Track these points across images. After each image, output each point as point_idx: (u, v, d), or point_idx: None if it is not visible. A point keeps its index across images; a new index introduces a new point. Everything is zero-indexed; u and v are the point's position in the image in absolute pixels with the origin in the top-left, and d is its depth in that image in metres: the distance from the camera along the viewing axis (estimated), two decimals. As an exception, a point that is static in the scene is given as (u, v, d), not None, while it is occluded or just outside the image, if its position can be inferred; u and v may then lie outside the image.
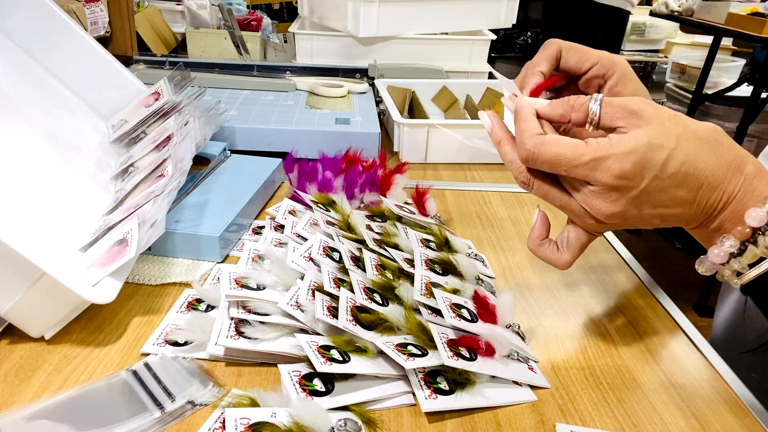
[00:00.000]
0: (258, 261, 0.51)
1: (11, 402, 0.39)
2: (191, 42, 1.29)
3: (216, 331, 0.43)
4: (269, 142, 0.78)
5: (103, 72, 0.69)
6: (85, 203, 0.55)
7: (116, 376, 0.41)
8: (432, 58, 1.12)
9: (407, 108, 0.96)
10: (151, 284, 0.52)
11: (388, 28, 1.09)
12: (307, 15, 1.25)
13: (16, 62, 0.64)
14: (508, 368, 0.43)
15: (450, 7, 1.14)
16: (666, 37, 3.25)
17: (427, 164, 0.84)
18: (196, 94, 0.70)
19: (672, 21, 2.63)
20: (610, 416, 0.40)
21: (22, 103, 0.60)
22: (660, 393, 0.43)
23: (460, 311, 0.45)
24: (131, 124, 0.66)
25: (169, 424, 0.37)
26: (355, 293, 0.45)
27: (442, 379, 0.41)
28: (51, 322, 0.44)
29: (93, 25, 1.03)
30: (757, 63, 2.60)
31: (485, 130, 0.45)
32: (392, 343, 0.41)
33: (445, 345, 0.41)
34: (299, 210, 0.62)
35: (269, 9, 1.89)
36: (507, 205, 0.72)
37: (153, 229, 0.48)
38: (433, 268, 0.51)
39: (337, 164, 0.68)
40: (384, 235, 0.56)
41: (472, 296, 0.47)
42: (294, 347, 0.42)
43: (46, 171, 0.56)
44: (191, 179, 0.64)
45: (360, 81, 1.00)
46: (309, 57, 1.15)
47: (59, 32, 0.67)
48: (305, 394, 0.38)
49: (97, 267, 0.46)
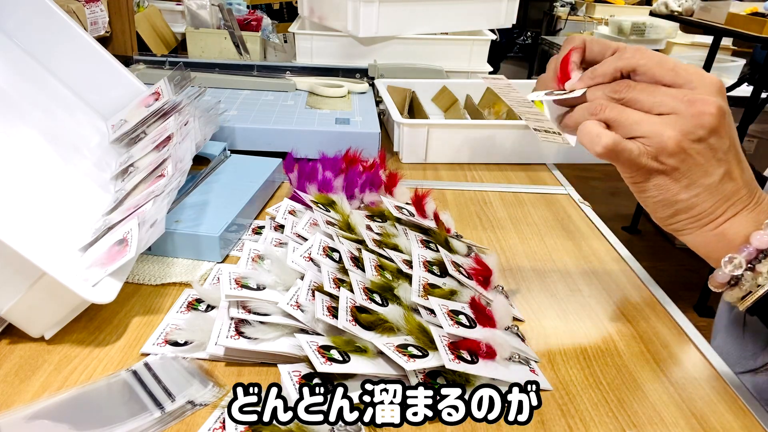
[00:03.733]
0: (258, 261, 0.51)
1: (11, 402, 0.39)
2: (191, 42, 1.29)
3: (216, 331, 0.43)
4: (269, 142, 0.78)
5: (103, 72, 0.69)
6: (85, 203, 0.55)
7: (116, 376, 0.41)
8: (432, 58, 1.12)
9: (407, 108, 0.96)
10: (151, 284, 0.52)
11: (388, 28, 1.09)
12: (307, 15, 1.25)
13: (16, 62, 0.64)
14: (510, 370, 0.43)
15: (450, 7, 1.14)
16: (666, 37, 3.25)
17: (427, 164, 0.84)
18: (196, 94, 0.70)
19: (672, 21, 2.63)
20: (610, 416, 0.40)
21: (22, 103, 0.60)
22: (660, 393, 0.43)
23: (458, 317, 0.44)
24: (131, 124, 0.66)
25: (169, 424, 0.37)
26: (355, 293, 0.45)
27: (442, 380, 0.41)
28: (51, 322, 0.44)
29: (93, 25, 1.03)
30: (757, 63, 2.60)
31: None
32: (393, 344, 0.41)
33: (447, 348, 0.41)
34: (299, 210, 0.62)
35: (269, 9, 1.89)
36: (507, 205, 0.72)
37: (153, 229, 0.48)
38: (431, 269, 0.51)
39: (337, 164, 0.68)
40: (384, 236, 0.56)
41: (469, 302, 0.47)
42: (294, 347, 0.42)
43: (46, 171, 0.56)
44: (191, 179, 0.64)
45: (360, 81, 1.00)
46: (309, 57, 1.15)
47: (59, 32, 0.67)
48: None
49: (97, 267, 0.46)
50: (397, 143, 0.83)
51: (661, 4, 2.53)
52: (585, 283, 0.56)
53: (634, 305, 0.53)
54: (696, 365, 0.46)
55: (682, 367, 0.46)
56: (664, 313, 0.53)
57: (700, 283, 2.11)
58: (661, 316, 0.52)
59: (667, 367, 0.46)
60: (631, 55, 0.40)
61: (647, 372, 0.45)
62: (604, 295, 0.55)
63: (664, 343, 0.49)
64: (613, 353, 0.47)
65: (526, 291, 0.55)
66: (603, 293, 0.55)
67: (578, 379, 0.44)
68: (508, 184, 0.78)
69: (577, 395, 0.42)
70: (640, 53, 0.40)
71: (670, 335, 0.50)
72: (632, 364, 0.46)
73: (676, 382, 0.44)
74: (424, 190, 0.62)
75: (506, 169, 0.83)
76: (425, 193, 0.62)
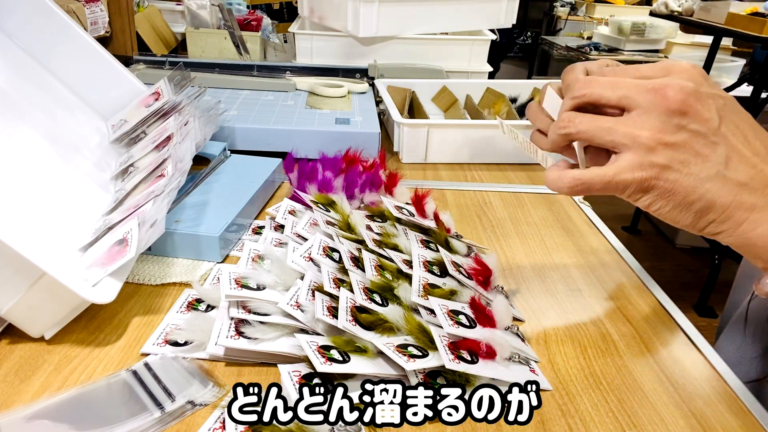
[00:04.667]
0: (258, 261, 0.51)
1: (11, 402, 0.39)
2: (191, 42, 1.29)
3: (216, 331, 0.43)
4: (269, 142, 0.78)
5: (103, 72, 0.69)
6: (85, 203, 0.55)
7: (116, 376, 0.41)
8: (432, 58, 1.12)
9: (407, 108, 0.96)
10: (151, 284, 0.52)
11: (388, 28, 1.09)
12: (307, 15, 1.25)
13: (16, 62, 0.64)
14: (510, 370, 0.43)
15: (450, 7, 1.14)
16: (666, 37, 3.25)
17: (427, 164, 0.84)
18: (196, 94, 0.70)
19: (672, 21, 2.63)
20: (610, 416, 0.40)
21: (22, 103, 0.60)
22: (660, 393, 0.43)
23: (458, 317, 0.44)
24: (131, 124, 0.66)
25: (169, 424, 0.37)
26: (355, 293, 0.45)
27: (442, 380, 0.41)
28: (51, 322, 0.44)
29: (93, 25, 1.03)
30: (757, 63, 2.60)
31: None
32: (393, 345, 0.41)
33: (447, 348, 0.41)
34: (299, 210, 0.62)
35: (269, 9, 1.89)
36: (507, 205, 0.72)
37: (153, 229, 0.48)
38: (431, 269, 0.51)
39: (337, 164, 0.68)
40: (384, 236, 0.56)
41: (468, 302, 0.47)
42: (294, 347, 0.42)
43: (46, 171, 0.56)
44: (191, 179, 0.64)
45: (360, 81, 1.00)
46: (309, 57, 1.15)
47: (59, 32, 0.67)
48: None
49: (97, 267, 0.46)
50: (397, 143, 0.83)
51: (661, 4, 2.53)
52: (585, 283, 0.56)
53: (634, 305, 0.53)
54: (696, 365, 0.46)
55: (682, 367, 0.46)
56: (664, 313, 0.53)
57: (700, 283, 2.11)
58: (661, 316, 0.52)
59: (667, 367, 0.46)
60: (580, 88, 0.38)
61: (647, 372, 0.45)
62: (604, 295, 0.55)
63: (664, 343, 0.49)
64: (613, 353, 0.47)
65: (526, 291, 0.55)
66: (603, 293, 0.55)
67: (578, 379, 0.44)
68: (508, 184, 0.78)
69: (577, 395, 0.42)
70: (588, 84, 0.38)
71: (670, 335, 0.50)
72: (632, 364, 0.46)
73: (676, 382, 0.44)
74: (424, 190, 0.62)
75: (506, 169, 0.83)
76: (425, 193, 0.62)
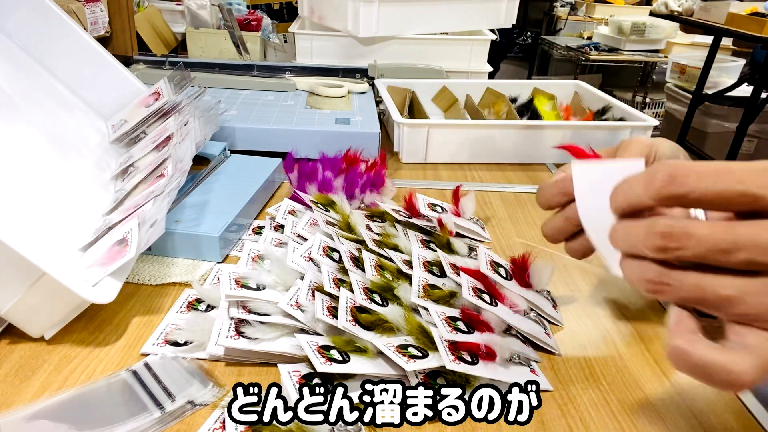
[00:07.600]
0: (258, 261, 0.51)
1: (11, 402, 0.39)
2: (191, 42, 1.29)
3: (216, 331, 0.43)
4: (269, 142, 0.78)
5: (103, 72, 0.69)
6: (85, 203, 0.55)
7: (116, 376, 0.41)
8: (432, 58, 1.12)
9: (407, 108, 0.96)
10: (151, 284, 0.52)
11: (388, 28, 1.09)
12: (307, 15, 1.25)
13: (16, 62, 0.64)
14: (510, 371, 0.43)
15: (450, 7, 1.14)
16: (666, 37, 3.25)
17: (427, 164, 0.84)
18: (196, 94, 0.70)
19: (672, 21, 2.64)
20: (611, 416, 0.40)
21: (22, 103, 0.60)
22: (660, 393, 0.43)
23: (456, 323, 0.44)
24: (131, 124, 0.66)
25: (169, 424, 0.37)
26: (355, 293, 0.45)
27: (442, 380, 0.41)
28: (51, 322, 0.44)
29: (93, 25, 1.03)
30: (757, 63, 2.60)
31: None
32: (393, 345, 0.41)
33: (447, 348, 0.41)
34: (299, 210, 0.62)
35: (269, 9, 1.90)
36: (507, 205, 0.72)
37: (153, 229, 0.48)
38: (431, 269, 0.51)
39: (337, 164, 0.68)
40: (383, 236, 0.56)
41: (460, 313, 0.46)
42: (294, 347, 0.42)
43: (46, 171, 0.56)
44: (191, 179, 0.64)
45: (360, 81, 1.00)
46: (309, 57, 1.15)
47: (59, 32, 0.67)
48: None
49: (97, 267, 0.46)
50: (397, 143, 0.83)
51: (661, 4, 2.53)
52: (585, 283, 0.56)
53: (634, 305, 0.53)
54: (696, 365, 0.46)
55: (682, 367, 0.46)
56: (665, 313, 0.53)
57: (700, 283, 2.10)
58: (661, 316, 0.52)
59: (667, 367, 0.46)
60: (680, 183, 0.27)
61: (647, 372, 0.45)
62: (604, 295, 0.55)
63: (664, 343, 0.48)
64: (613, 353, 0.47)
65: (526, 291, 0.55)
66: (603, 293, 0.55)
67: (578, 379, 0.44)
68: (508, 184, 0.78)
69: (577, 395, 0.42)
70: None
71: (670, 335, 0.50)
72: (632, 364, 0.46)
73: (676, 382, 0.44)
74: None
75: (506, 169, 0.83)
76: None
